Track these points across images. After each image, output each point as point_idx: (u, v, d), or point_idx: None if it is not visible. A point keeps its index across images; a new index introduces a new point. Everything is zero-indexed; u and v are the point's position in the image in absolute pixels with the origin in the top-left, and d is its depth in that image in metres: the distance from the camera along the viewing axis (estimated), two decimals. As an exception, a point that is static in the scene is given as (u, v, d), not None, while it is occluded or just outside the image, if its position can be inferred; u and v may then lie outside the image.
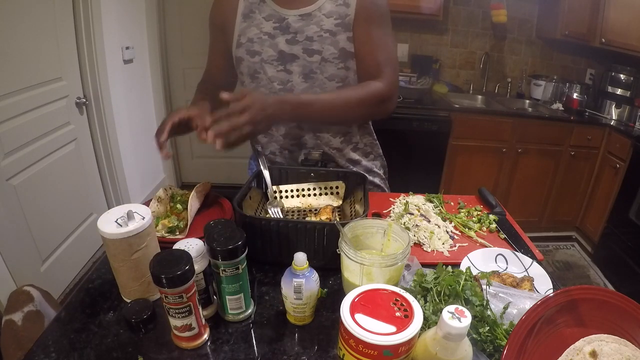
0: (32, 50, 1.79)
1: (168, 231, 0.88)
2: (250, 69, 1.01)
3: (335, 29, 0.95)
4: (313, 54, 0.96)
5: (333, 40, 0.96)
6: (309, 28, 0.95)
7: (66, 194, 2.07)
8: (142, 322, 0.63)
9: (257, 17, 0.97)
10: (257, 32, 0.97)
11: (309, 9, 0.95)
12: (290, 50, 0.97)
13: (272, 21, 0.97)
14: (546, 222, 2.88)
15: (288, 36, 0.96)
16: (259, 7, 0.97)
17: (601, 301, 0.55)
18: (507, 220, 0.99)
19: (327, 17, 0.95)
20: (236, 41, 1.00)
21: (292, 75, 0.99)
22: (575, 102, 2.74)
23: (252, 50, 0.99)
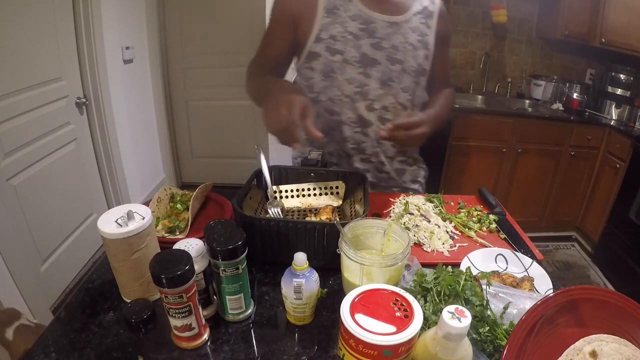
0: (32, 50, 1.79)
1: (168, 231, 0.88)
2: (327, 67, 0.98)
3: (417, 44, 0.99)
4: (395, 62, 0.98)
5: (414, 54, 0.99)
6: (396, 37, 0.97)
7: (66, 194, 2.07)
8: (142, 322, 0.63)
9: (342, 15, 0.95)
10: (342, 30, 0.95)
11: (397, 18, 0.97)
12: (374, 55, 0.97)
13: (358, 22, 0.95)
14: (546, 222, 2.88)
15: (373, 40, 0.96)
16: (344, 4, 0.95)
17: (601, 301, 0.55)
18: (507, 220, 0.99)
19: (412, 32, 0.99)
20: (315, 36, 0.96)
21: (370, 79, 0.99)
22: (575, 102, 2.74)
23: (333, 48, 0.96)
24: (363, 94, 1.00)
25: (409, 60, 0.99)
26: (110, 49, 2.26)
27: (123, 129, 2.48)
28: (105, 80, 2.25)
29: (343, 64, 0.97)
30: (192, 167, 3.46)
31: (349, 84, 0.99)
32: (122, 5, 2.40)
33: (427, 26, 1.00)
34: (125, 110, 2.50)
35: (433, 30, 1.01)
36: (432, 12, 1.02)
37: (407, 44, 0.98)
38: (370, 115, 1.02)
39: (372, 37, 0.96)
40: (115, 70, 2.35)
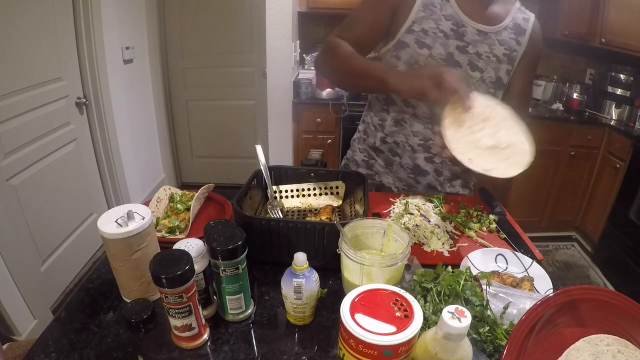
0: (32, 50, 1.79)
1: (168, 231, 0.88)
2: (412, 59, 1.00)
3: (502, 57, 1.00)
4: (475, 69, 1.00)
5: (496, 66, 1.00)
6: (482, 46, 0.99)
7: (66, 194, 2.07)
8: (142, 322, 0.63)
9: (437, 12, 0.97)
10: (434, 26, 0.97)
11: (488, 28, 0.98)
12: (458, 57, 0.99)
13: (451, 22, 0.97)
14: (546, 222, 2.87)
15: (460, 43, 0.98)
16: (441, 3, 0.97)
17: (601, 301, 0.55)
18: (507, 220, 0.98)
19: (499, 44, 0.99)
20: (408, 26, 0.98)
21: None
22: (575, 102, 2.74)
23: (422, 42, 0.98)
24: None
25: (489, 71, 1.01)
26: (110, 49, 2.26)
27: (123, 129, 2.48)
28: (105, 80, 2.25)
29: (428, 58, 0.99)
30: (192, 167, 3.46)
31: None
32: (122, 5, 2.40)
33: (517, 42, 1.01)
34: (125, 110, 2.50)
35: (523, 47, 1.02)
36: (524, 30, 1.02)
37: (491, 54, 1.00)
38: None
39: (459, 40, 0.98)
40: (115, 70, 2.35)
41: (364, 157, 1.19)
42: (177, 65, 3.07)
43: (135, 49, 2.59)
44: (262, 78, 2.80)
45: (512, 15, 1.01)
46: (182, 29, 2.95)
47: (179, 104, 3.21)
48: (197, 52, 3.01)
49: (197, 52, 3.01)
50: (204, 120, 3.24)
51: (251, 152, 1.19)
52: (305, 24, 2.94)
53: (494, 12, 0.99)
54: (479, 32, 0.98)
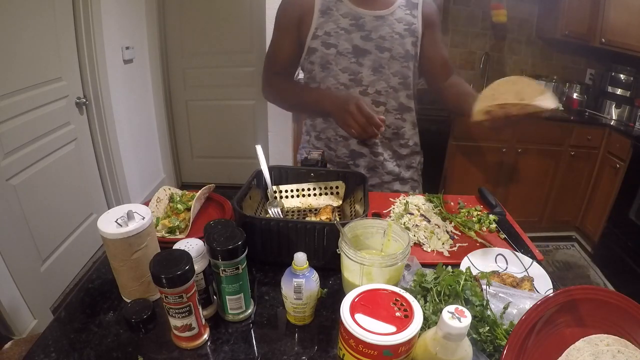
0: (32, 50, 1.79)
1: (168, 231, 0.88)
2: (323, 60, 1.10)
3: (403, 33, 1.09)
4: (384, 51, 1.09)
5: (401, 41, 1.09)
6: (382, 28, 1.08)
7: (66, 194, 2.07)
8: (142, 322, 0.63)
9: (334, 14, 1.07)
10: (335, 26, 1.07)
11: (383, 12, 1.08)
12: (364, 46, 1.08)
13: (348, 18, 1.07)
14: (546, 222, 2.87)
15: (363, 33, 1.07)
16: (336, 5, 1.08)
17: (601, 301, 0.55)
18: (507, 220, 0.99)
19: (397, 22, 1.09)
20: (312, 33, 1.09)
21: (363, 68, 1.09)
22: (575, 102, 2.74)
23: (327, 43, 1.08)
24: (357, 81, 1.10)
25: (397, 48, 1.09)
26: (110, 49, 2.26)
27: (123, 129, 2.48)
28: (105, 80, 2.25)
29: (337, 55, 1.09)
30: (192, 167, 3.46)
31: (343, 73, 1.10)
32: (122, 5, 2.40)
33: (413, 16, 1.11)
34: (125, 110, 2.50)
35: (419, 18, 1.11)
36: (416, 3, 1.12)
37: (393, 33, 1.08)
38: (365, 99, 1.10)
39: (361, 31, 1.07)
40: (115, 70, 2.35)
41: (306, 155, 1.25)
42: (177, 65, 3.07)
43: (135, 49, 2.59)
44: (262, 78, 2.80)
45: None
46: (182, 29, 2.95)
47: (179, 104, 3.20)
48: (197, 52, 3.01)
49: (197, 52, 3.00)
50: (204, 120, 3.24)
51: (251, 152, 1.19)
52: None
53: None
54: (377, 18, 1.08)
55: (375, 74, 1.10)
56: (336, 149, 1.19)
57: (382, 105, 1.12)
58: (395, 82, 1.11)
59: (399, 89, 1.13)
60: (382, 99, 1.12)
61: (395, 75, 1.11)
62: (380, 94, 1.11)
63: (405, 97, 1.14)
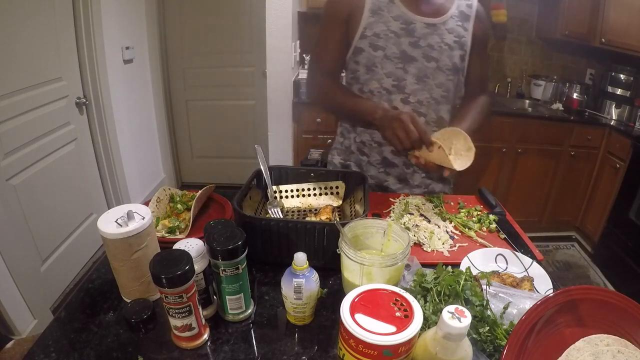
0: (32, 50, 1.79)
1: (168, 231, 0.88)
2: (369, 61, 1.07)
3: (452, 45, 1.06)
4: (431, 60, 1.05)
5: (449, 53, 1.06)
6: (432, 37, 1.04)
7: (66, 194, 2.07)
8: (142, 322, 0.63)
9: (385, 15, 1.03)
10: (384, 28, 1.04)
11: (435, 20, 1.04)
12: (412, 52, 1.05)
13: (399, 22, 1.03)
14: (546, 222, 2.87)
15: (412, 39, 1.04)
16: (388, 6, 1.04)
17: (601, 301, 0.55)
18: (507, 220, 0.99)
19: (448, 33, 1.05)
20: (360, 33, 1.05)
21: (408, 75, 1.06)
22: (575, 102, 2.73)
23: (375, 45, 1.05)
24: (400, 88, 1.08)
25: (444, 59, 1.06)
26: (110, 49, 2.26)
27: (123, 129, 2.48)
28: (105, 80, 2.25)
29: (384, 59, 1.05)
30: (192, 167, 3.46)
31: (388, 78, 1.07)
32: (122, 5, 2.40)
33: (464, 28, 1.07)
34: (125, 110, 2.50)
35: (470, 32, 1.08)
36: (468, 15, 1.07)
37: (442, 43, 1.05)
38: (405, 107, 1.09)
39: (411, 36, 1.04)
40: (115, 70, 2.35)
41: (341, 160, 1.24)
42: (177, 65, 3.07)
43: (135, 49, 2.59)
44: (262, 78, 2.80)
45: (456, 3, 1.06)
46: (182, 29, 2.95)
47: (179, 104, 3.20)
48: (197, 52, 3.01)
49: (197, 52, 3.00)
50: (204, 120, 3.24)
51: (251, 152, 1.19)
52: (305, 24, 2.94)
53: (438, 4, 1.05)
54: (428, 26, 1.04)
55: (419, 83, 1.07)
56: (369, 155, 1.16)
57: (422, 116, 1.09)
58: (438, 94, 1.08)
59: (441, 101, 1.10)
60: (423, 110, 1.09)
61: (439, 87, 1.08)
62: (421, 104, 1.08)
63: (445, 110, 1.12)
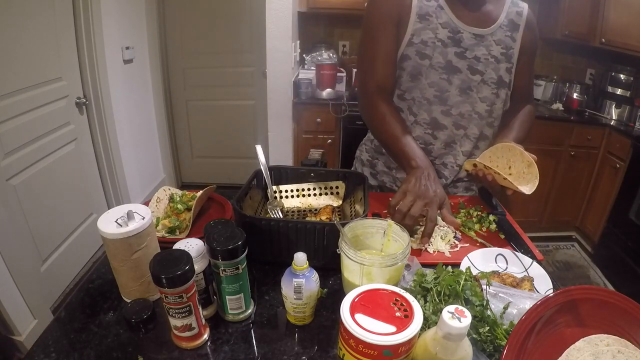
0: (32, 50, 1.79)
1: (168, 231, 0.88)
2: (415, 70, 1.02)
3: (499, 57, 1.01)
4: (475, 73, 1.01)
5: (496, 66, 1.01)
6: (479, 49, 1.00)
7: (66, 194, 2.07)
8: (142, 322, 0.63)
9: (433, 22, 0.99)
10: (432, 36, 0.99)
11: (483, 31, 1.00)
12: (457, 63, 1.00)
13: (447, 30, 0.99)
14: (546, 222, 2.87)
15: (458, 49, 1.00)
16: (436, 12, 0.98)
17: (601, 301, 0.55)
18: (507, 221, 0.99)
19: (496, 44, 1.00)
20: (408, 40, 1.00)
21: (452, 86, 1.02)
22: (575, 102, 2.73)
23: (422, 53, 1.00)
24: (442, 99, 1.03)
25: (490, 72, 1.02)
26: (110, 49, 2.26)
27: (123, 129, 2.48)
28: (105, 80, 2.25)
29: (429, 68, 1.01)
30: (192, 167, 3.46)
31: (430, 88, 1.03)
32: (122, 5, 2.40)
33: (512, 39, 1.02)
34: (125, 110, 2.50)
35: (518, 43, 1.03)
36: (518, 25, 1.03)
37: (489, 56, 1.01)
38: (445, 119, 1.05)
39: (457, 47, 1.00)
40: (115, 70, 2.35)
41: (369, 157, 1.22)
42: (177, 65, 3.07)
43: (135, 49, 2.59)
44: (262, 78, 2.80)
45: (505, 12, 1.01)
46: (182, 29, 2.95)
47: (179, 104, 3.21)
48: (197, 52, 3.01)
49: (197, 52, 3.01)
50: (204, 120, 3.24)
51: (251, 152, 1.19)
52: (305, 24, 2.94)
53: (487, 13, 1.00)
54: (475, 36, 0.99)
55: (462, 95, 1.02)
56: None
57: (463, 129, 1.05)
58: (481, 108, 1.04)
59: (484, 116, 1.05)
60: (464, 123, 1.05)
61: (483, 100, 1.03)
62: (463, 117, 1.04)
63: (486, 125, 1.07)
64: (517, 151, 0.88)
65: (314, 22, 2.98)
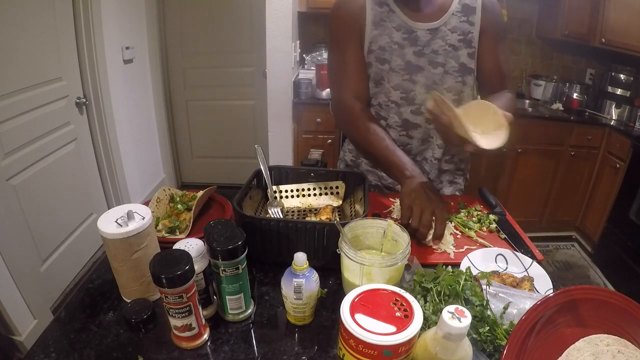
0: (32, 50, 1.79)
1: (168, 231, 0.88)
2: (377, 76, 1.04)
3: (457, 44, 1.00)
4: (437, 66, 1.01)
5: (455, 54, 1.01)
6: (435, 42, 1.00)
7: (66, 194, 2.07)
8: (142, 322, 0.63)
9: (387, 26, 1.00)
10: (388, 40, 1.00)
11: (436, 23, 0.99)
12: (417, 62, 1.01)
13: (401, 32, 1.00)
14: (546, 222, 2.87)
15: (415, 48, 1.00)
16: (389, 16, 1.00)
17: (601, 301, 0.55)
18: (507, 220, 0.98)
19: (451, 32, 1.00)
20: (367, 47, 1.02)
21: (416, 85, 1.03)
22: (575, 102, 2.74)
23: (382, 58, 1.02)
24: (409, 100, 1.04)
25: (450, 62, 1.01)
26: (110, 49, 2.26)
27: (123, 129, 2.48)
28: (105, 80, 2.25)
29: (390, 72, 1.02)
30: (192, 167, 3.46)
31: (395, 90, 1.04)
32: (122, 6, 2.40)
33: (470, 23, 1.00)
34: (125, 110, 2.50)
35: (477, 26, 1.00)
36: (474, 7, 1.00)
37: (446, 45, 1.00)
38: (416, 119, 1.06)
39: (414, 46, 1.00)
40: (115, 70, 2.35)
41: (352, 157, 1.22)
42: (177, 65, 3.07)
43: (135, 49, 2.59)
44: (262, 78, 2.80)
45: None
46: (182, 29, 2.95)
47: (179, 104, 3.21)
48: (197, 52, 3.01)
49: (197, 52, 3.01)
50: (204, 120, 3.24)
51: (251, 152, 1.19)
52: (305, 24, 2.94)
53: (438, 5, 1.00)
54: (430, 31, 1.00)
55: (428, 92, 1.01)
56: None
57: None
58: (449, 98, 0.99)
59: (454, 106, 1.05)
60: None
61: (449, 91, 1.03)
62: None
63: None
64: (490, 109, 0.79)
65: (314, 22, 2.98)
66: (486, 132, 0.79)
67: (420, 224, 0.82)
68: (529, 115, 2.70)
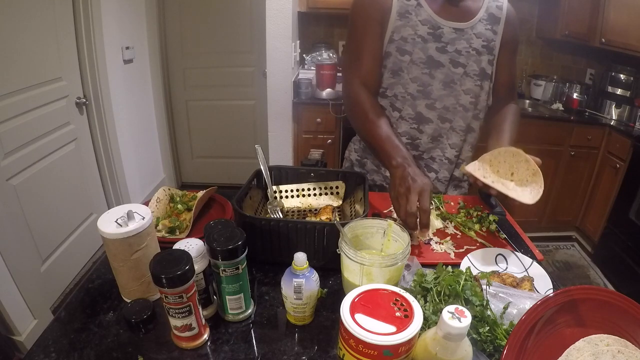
0: (32, 50, 1.79)
1: (168, 231, 0.88)
2: (396, 66, 1.05)
3: (480, 49, 1.03)
4: (458, 66, 1.04)
5: (477, 58, 1.04)
6: (460, 42, 1.02)
7: (66, 194, 2.07)
8: (142, 322, 0.63)
9: (413, 19, 1.01)
10: (412, 32, 1.02)
11: (462, 25, 1.02)
12: (438, 58, 1.03)
13: (427, 26, 1.01)
14: (546, 222, 2.87)
15: (439, 44, 1.02)
16: (416, 9, 1.01)
17: (601, 301, 0.55)
18: (507, 220, 0.99)
19: (476, 37, 1.03)
20: (389, 37, 1.03)
21: (434, 80, 1.04)
22: (575, 102, 2.74)
23: (402, 49, 1.03)
24: (425, 94, 1.05)
25: (472, 65, 1.04)
26: (110, 49, 2.26)
27: (123, 129, 2.48)
28: (105, 80, 2.25)
29: (410, 64, 1.03)
30: (192, 167, 3.46)
31: (413, 83, 1.05)
32: (122, 6, 2.40)
33: (493, 32, 1.04)
34: (125, 110, 2.50)
35: (499, 35, 1.05)
36: (499, 18, 1.05)
37: (470, 48, 1.03)
38: (429, 113, 1.07)
39: (438, 42, 1.02)
40: (115, 70, 2.35)
41: (357, 157, 1.23)
42: (177, 65, 3.07)
43: (135, 49, 2.59)
44: (262, 78, 2.80)
45: (485, 6, 1.04)
46: (182, 29, 2.95)
47: (179, 104, 3.21)
48: (197, 52, 3.01)
49: (197, 52, 3.01)
50: (204, 120, 3.24)
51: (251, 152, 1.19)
52: (305, 24, 2.94)
53: (466, 8, 1.03)
54: (455, 30, 1.02)
55: (446, 89, 1.04)
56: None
57: (448, 122, 1.07)
58: (465, 101, 1.06)
59: (469, 108, 1.07)
60: (449, 116, 1.07)
61: (466, 93, 1.05)
62: (447, 110, 1.06)
63: (472, 117, 1.09)
64: (521, 157, 0.84)
65: (314, 22, 2.98)
66: (522, 179, 0.83)
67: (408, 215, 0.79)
68: (529, 115, 2.70)
